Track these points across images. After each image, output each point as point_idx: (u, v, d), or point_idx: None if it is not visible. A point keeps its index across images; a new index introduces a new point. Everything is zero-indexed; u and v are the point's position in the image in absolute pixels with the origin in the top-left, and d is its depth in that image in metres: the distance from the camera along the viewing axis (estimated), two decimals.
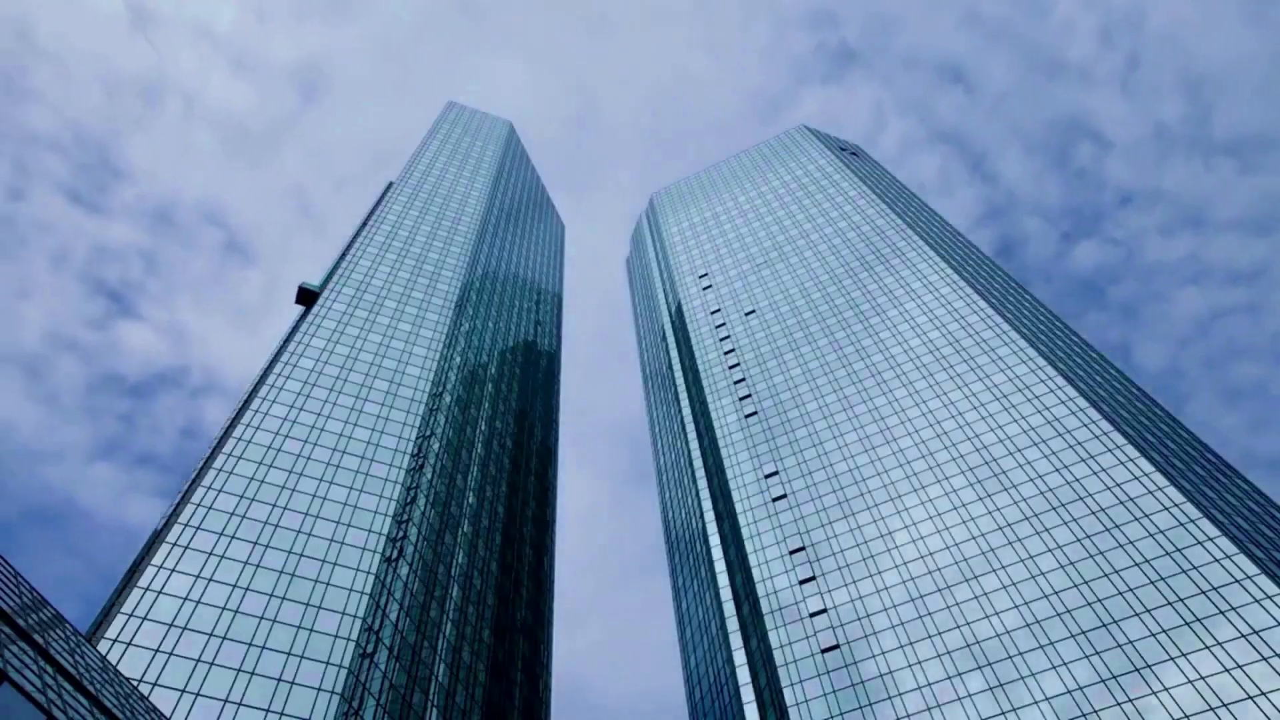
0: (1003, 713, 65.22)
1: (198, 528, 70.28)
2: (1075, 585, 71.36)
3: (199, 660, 59.92)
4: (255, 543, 71.15)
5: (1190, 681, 60.96)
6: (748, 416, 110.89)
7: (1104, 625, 67.35)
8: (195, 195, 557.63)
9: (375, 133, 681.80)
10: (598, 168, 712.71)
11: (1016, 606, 72.22)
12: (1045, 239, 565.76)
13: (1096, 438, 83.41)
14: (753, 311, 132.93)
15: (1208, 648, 62.43)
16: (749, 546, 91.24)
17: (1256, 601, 63.64)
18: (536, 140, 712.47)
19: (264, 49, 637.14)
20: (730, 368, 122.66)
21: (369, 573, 72.60)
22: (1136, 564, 70.45)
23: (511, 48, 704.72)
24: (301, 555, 71.84)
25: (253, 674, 60.63)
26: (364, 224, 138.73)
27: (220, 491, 74.62)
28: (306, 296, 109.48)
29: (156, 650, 59.37)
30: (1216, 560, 67.67)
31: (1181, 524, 71.71)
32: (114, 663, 57.29)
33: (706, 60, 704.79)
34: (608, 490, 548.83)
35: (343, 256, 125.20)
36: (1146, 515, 73.86)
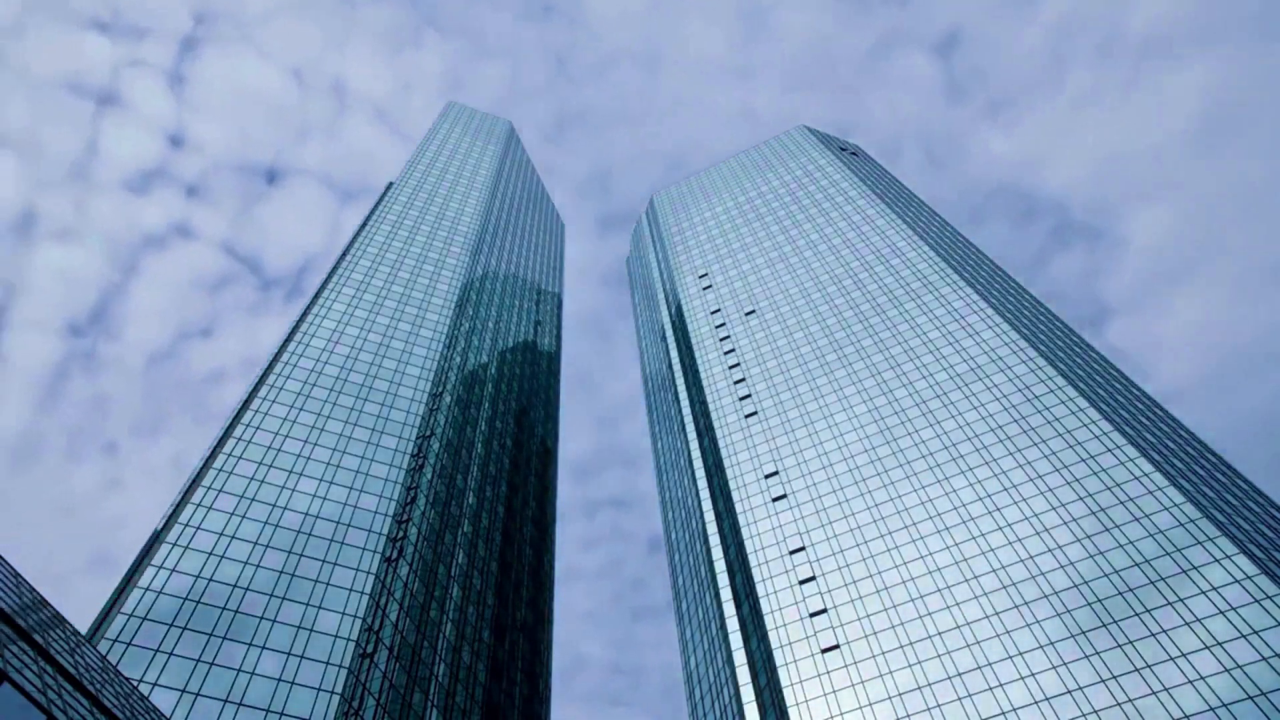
0: (1003, 713, 65.22)
1: (198, 528, 70.29)
2: (1075, 585, 71.36)
3: (199, 660, 59.93)
4: (255, 542, 71.16)
5: (1190, 681, 60.96)
6: (748, 416, 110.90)
7: (1104, 625, 67.35)
8: None
9: None
10: (598, 168, 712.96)
11: (1016, 606, 72.23)
12: None
13: (1096, 438, 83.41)
14: (753, 311, 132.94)
15: (1208, 648, 62.43)
16: (749, 546, 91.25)
17: (1256, 601, 63.64)
18: (537, 140, 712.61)
19: None
20: (730, 368, 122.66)
21: (369, 573, 72.61)
22: (1136, 564, 70.46)
23: (512, 46, 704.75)
24: (301, 555, 71.85)
25: (253, 674, 60.63)
26: (364, 224, 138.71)
27: (220, 491, 74.63)
28: None
29: (156, 650, 59.38)
30: (1216, 560, 67.67)
31: (1181, 524, 71.72)
32: (114, 663, 57.29)
33: (710, 59, 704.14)
34: (608, 490, 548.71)
35: (343, 256, 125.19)
36: (1146, 515, 73.87)
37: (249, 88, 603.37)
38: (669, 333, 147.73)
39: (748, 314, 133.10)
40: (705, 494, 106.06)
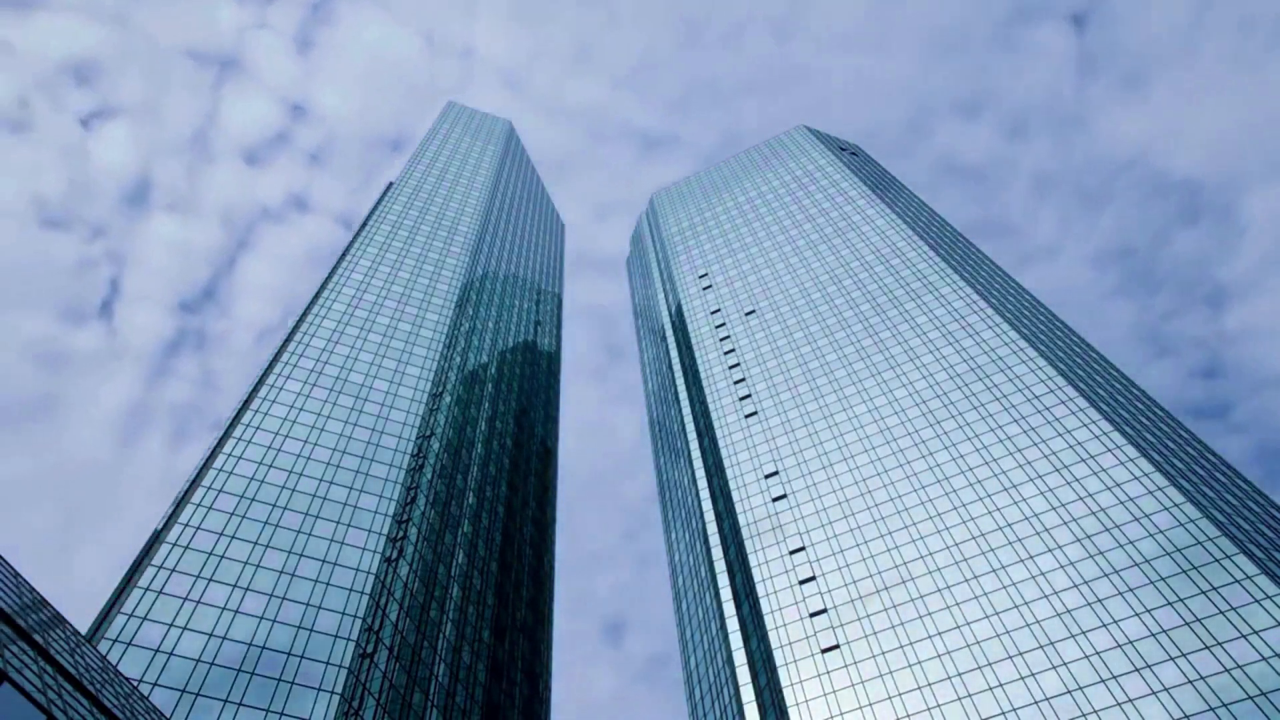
0: (1003, 713, 65.22)
1: (198, 528, 70.28)
2: (1075, 585, 71.35)
3: (199, 660, 59.93)
4: (255, 543, 71.15)
5: (1190, 682, 60.96)
6: (748, 416, 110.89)
7: (1104, 625, 67.35)
8: None
9: None
10: (726, 137, 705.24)
11: (1016, 606, 72.23)
12: None
13: (1096, 438, 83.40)
14: (753, 311, 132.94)
15: (1208, 648, 62.43)
16: (749, 546, 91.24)
17: (1256, 602, 63.64)
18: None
19: None
20: (730, 368, 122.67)
21: (369, 573, 72.60)
22: (1136, 564, 70.44)
23: (645, 14, 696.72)
24: (301, 555, 71.85)
25: (253, 674, 60.63)
26: (364, 224, 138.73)
27: (220, 491, 74.62)
28: None
29: (156, 650, 59.38)
30: (1216, 560, 67.66)
31: (1181, 524, 71.72)
32: (114, 663, 57.29)
33: (842, 28, 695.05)
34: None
35: (343, 256, 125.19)
36: (1146, 515, 73.86)
37: (378, 53, 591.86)
38: (669, 333, 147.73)
39: (748, 314, 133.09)
40: (705, 494, 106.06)
